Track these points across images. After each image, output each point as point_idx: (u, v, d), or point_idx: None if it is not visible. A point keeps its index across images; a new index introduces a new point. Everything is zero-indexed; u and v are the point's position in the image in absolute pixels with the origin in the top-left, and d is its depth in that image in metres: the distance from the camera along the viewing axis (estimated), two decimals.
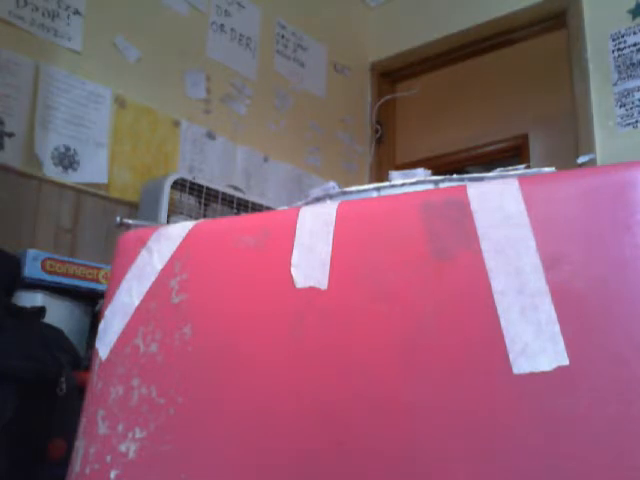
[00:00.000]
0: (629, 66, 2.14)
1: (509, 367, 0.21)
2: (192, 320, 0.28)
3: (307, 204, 0.28)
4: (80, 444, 0.30)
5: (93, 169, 1.85)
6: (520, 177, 0.23)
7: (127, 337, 0.30)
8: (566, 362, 0.20)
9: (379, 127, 2.73)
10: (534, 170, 0.25)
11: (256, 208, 1.91)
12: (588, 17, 2.19)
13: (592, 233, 0.21)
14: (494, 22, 2.40)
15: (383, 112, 2.75)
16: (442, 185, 0.26)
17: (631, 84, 2.12)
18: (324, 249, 0.25)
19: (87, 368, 0.93)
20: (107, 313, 0.31)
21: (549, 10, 2.29)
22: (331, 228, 0.25)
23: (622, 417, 0.19)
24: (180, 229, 0.30)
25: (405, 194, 0.25)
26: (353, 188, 0.28)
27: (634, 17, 2.15)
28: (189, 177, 1.82)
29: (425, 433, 0.22)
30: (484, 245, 0.22)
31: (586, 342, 0.20)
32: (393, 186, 0.27)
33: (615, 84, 2.15)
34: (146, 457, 0.27)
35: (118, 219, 1.25)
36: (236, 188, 1.99)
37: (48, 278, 1.35)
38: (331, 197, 0.28)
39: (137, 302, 0.30)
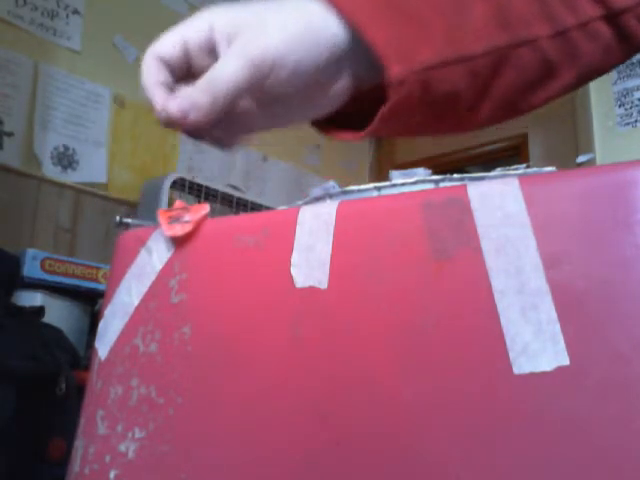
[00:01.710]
0: (628, 65, 2.14)
1: (509, 367, 0.21)
2: (191, 320, 0.28)
3: (307, 203, 0.28)
4: (79, 444, 0.29)
5: (92, 169, 1.85)
6: (520, 176, 0.23)
7: (126, 337, 0.30)
8: (566, 362, 0.20)
9: None
10: (534, 170, 0.25)
11: (255, 207, 1.92)
12: None
13: (592, 233, 0.21)
14: None
15: None
16: (442, 184, 0.26)
17: (630, 83, 2.12)
18: (324, 249, 0.25)
19: (86, 368, 0.93)
20: (106, 313, 0.31)
21: None
22: (331, 228, 0.25)
23: (623, 417, 0.19)
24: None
25: (405, 193, 0.25)
26: (353, 187, 0.28)
27: None
28: (188, 177, 1.82)
29: (424, 433, 0.22)
30: (484, 244, 0.22)
31: (587, 342, 0.20)
32: (393, 185, 0.27)
33: (614, 83, 2.15)
34: (145, 457, 0.27)
35: (117, 218, 1.24)
36: (235, 188, 1.99)
37: (47, 278, 1.35)
38: (331, 196, 0.28)
39: (136, 302, 0.30)
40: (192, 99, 0.32)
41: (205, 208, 0.30)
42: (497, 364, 0.21)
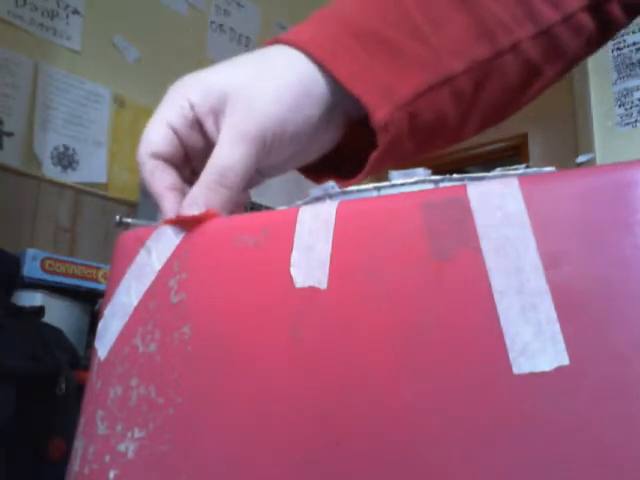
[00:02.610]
0: (628, 65, 2.14)
1: (509, 367, 0.21)
2: (191, 320, 0.28)
3: (307, 203, 0.28)
4: (79, 444, 0.29)
5: (92, 169, 1.85)
6: (520, 176, 0.23)
7: (126, 337, 0.30)
8: (566, 362, 0.20)
9: None
10: (534, 170, 0.25)
11: (255, 207, 1.92)
12: None
13: (592, 233, 0.21)
14: None
15: None
16: (442, 184, 0.26)
17: (630, 83, 2.12)
18: (324, 248, 0.25)
19: (86, 368, 0.93)
20: (106, 313, 0.31)
21: None
22: (331, 227, 0.25)
23: (623, 417, 0.19)
24: (179, 228, 0.30)
25: (405, 193, 0.25)
26: (353, 187, 0.28)
27: None
28: None
29: (424, 433, 0.22)
30: (484, 244, 0.22)
31: (586, 342, 0.20)
32: (393, 185, 0.27)
33: (614, 83, 2.15)
34: (145, 457, 0.27)
35: (117, 218, 1.24)
36: None
37: (47, 278, 1.35)
38: (331, 196, 0.28)
39: (136, 302, 0.30)
40: (210, 200, 0.30)
41: (215, 210, 0.30)
42: (497, 364, 0.21)
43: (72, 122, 1.82)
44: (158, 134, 0.32)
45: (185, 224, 0.30)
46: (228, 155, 0.30)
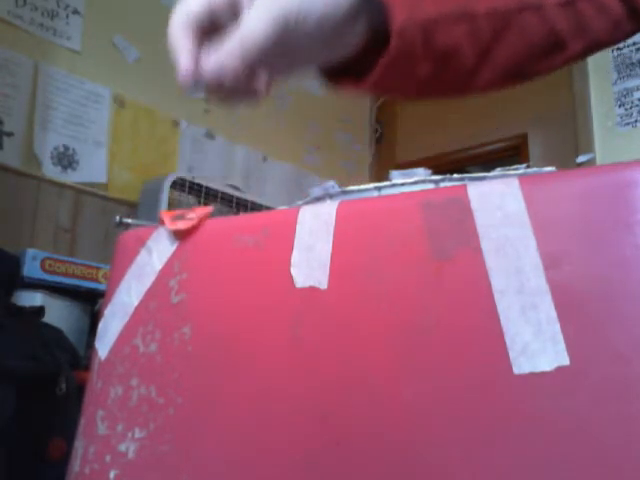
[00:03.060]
0: (628, 65, 2.14)
1: (509, 367, 0.21)
2: (191, 320, 0.28)
3: (307, 203, 0.28)
4: (79, 444, 0.29)
5: (92, 169, 1.85)
6: (520, 176, 0.23)
7: (126, 337, 0.30)
8: (566, 362, 0.20)
9: (379, 126, 2.73)
10: (534, 170, 0.25)
11: (255, 207, 1.91)
12: None
13: (592, 233, 0.21)
14: None
15: (383, 111, 2.74)
16: (442, 184, 0.26)
17: (630, 83, 2.12)
18: (324, 248, 0.25)
19: (86, 368, 0.93)
20: (106, 313, 0.31)
21: None
22: (331, 227, 0.25)
23: (623, 417, 0.19)
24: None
25: (405, 193, 0.25)
26: (353, 187, 0.28)
27: None
28: (188, 177, 1.81)
29: (424, 433, 0.22)
30: (484, 244, 0.22)
31: (587, 342, 0.20)
32: (393, 185, 0.27)
33: (614, 83, 2.15)
34: (145, 457, 0.27)
35: (117, 218, 1.24)
36: (235, 187, 1.98)
37: (47, 278, 1.34)
38: (331, 196, 0.28)
39: (136, 302, 0.30)
40: (224, 61, 0.33)
41: (209, 208, 0.31)
42: (497, 364, 0.21)
43: (72, 122, 1.82)
44: (195, 3, 0.36)
45: (179, 234, 0.30)
46: (251, 27, 0.33)
